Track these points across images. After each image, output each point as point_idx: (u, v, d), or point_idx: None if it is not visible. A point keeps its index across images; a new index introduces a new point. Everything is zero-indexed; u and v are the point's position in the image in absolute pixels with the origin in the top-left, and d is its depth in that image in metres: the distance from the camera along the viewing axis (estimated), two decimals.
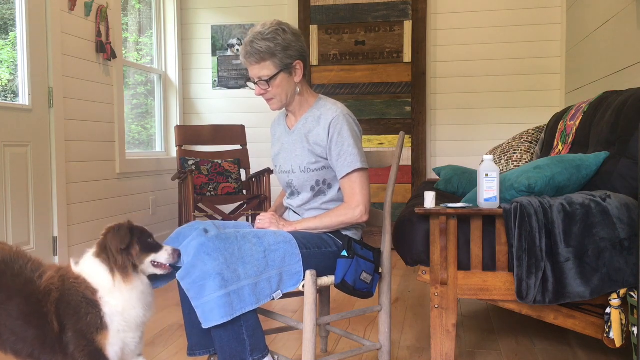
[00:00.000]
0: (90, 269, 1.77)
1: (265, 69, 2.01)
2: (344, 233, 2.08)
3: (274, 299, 1.88)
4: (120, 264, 1.76)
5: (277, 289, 1.88)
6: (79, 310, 1.71)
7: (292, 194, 2.18)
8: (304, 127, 2.10)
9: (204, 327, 1.80)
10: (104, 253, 1.78)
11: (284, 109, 2.17)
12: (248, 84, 2.12)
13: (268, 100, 2.09)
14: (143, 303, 1.80)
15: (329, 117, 2.04)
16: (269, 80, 2.02)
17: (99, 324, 1.72)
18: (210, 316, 1.78)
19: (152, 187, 4.92)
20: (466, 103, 5.03)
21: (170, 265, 1.86)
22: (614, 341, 2.00)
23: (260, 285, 1.84)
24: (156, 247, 1.84)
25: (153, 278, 1.89)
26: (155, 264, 1.82)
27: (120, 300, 1.75)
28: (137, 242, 1.79)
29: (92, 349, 1.70)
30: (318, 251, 1.99)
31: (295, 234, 1.99)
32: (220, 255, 1.79)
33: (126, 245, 1.76)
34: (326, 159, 2.06)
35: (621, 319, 1.99)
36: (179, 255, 1.85)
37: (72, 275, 1.76)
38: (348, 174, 2.02)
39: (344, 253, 1.97)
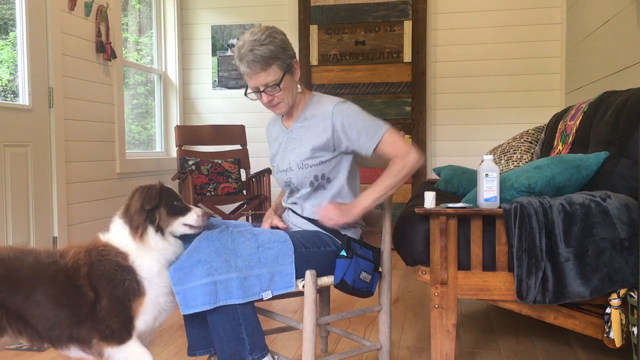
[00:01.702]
0: (116, 232, 1.77)
1: (271, 74, 1.98)
2: (343, 232, 2.08)
3: (262, 298, 1.86)
4: (135, 224, 1.74)
5: (267, 288, 1.86)
6: (114, 277, 1.69)
7: (291, 193, 2.17)
8: (303, 123, 2.10)
9: (183, 313, 1.81)
10: (127, 214, 1.77)
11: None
12: (249, 95, 2.08)
13: (274, 105, 2.06)
14: (173, 257, 1.80)
15: (329, 107, 2.04)
16: (278, 84, 2.00)
17: (137, 290, 1.71)
18: (192, 302, 1.79)
19: None
20: (466, 103, 5.03)
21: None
22: (614, 341, 2.00)
23: (250, 280, 1.84)
24: (183, 210, 1.82)
25: None
26: (186, 224, 1.82)
27: (154, 262, 1.74)
28: (164, 205, 1.78)
29: (124, 316, 1.69)
30: (317, 250, 1.98)
31: (293, 234, 1.98)
32: (212, 244, 1.80)
33: (152, 207, 1.75)
34: (331, 150, 2.05)
35: (621, 319, 1.99)
36: (209, 217, 1.86)
37: (99, 245, 1.75)
38: (379, 141, 2.01)
39: (343, 253, 1.97)
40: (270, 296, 1.88)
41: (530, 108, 4.91)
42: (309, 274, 1.89)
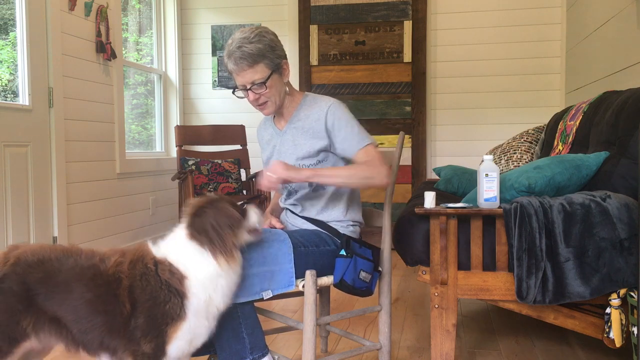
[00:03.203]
0: (182, 253, 1.65)
1: (258, 72, 1.99)
2: (342, 232, 2.08)
3: (263, 297, 1.86)
4: (229, 245, 1.63)
5: (267, 287, 1.86)
6: (157, 296, 1.60)
7: (289, 194, 2.17)
8: (297, 124, 2.10)
9: None
10: (204, 234, 1.65)
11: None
12: (236, 92, 2.08)
13: (261, 104, 2.06)
14: (232, 285, 1.69)
15: (323, 107, 2.04)
16: (264, 82, 2.01)
17: (177, 315, 1.61)
18: None
19: (152, 187, 4.92)
20: (466, 103, 5.03)
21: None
22: (614, 341, 2.00)
23: (249, 279, 1.83)
24: (244, 213, 1.71)
25: None
26: (250, 230, 1.72)
27: (211, 290, 1.63)
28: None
29: (159, 341, 1.61)
30: (316, 249, 1.98)
31: (292, 233, 1.98)
32: None
33: (240, 226, 1.64)
34: (325, 150, 2.05)
35: (621, 319, 1.99)
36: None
37: (149, 258, 1.64)
38: (360, 150, 2.00)
39: (342, 252, 1.97)
40: (271, 295, 1.87)
41: (530, 108, 4.91)
42: (309, 273, 1.89)
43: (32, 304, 1.62)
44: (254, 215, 1.74)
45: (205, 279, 1.64)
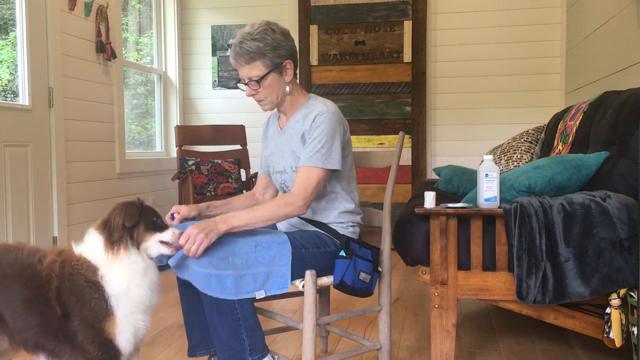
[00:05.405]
0: (90, 244, 1.71)
1: (255, 69, 1.99)
2: (342, 232, 2.08)
3: (255, 297, 1.86)
4: (116, 238, 1.69)
5: (261, 287, 1.86)
6: (82, 295, 1.64)
7: None
8: (295, 127, 2.09)
9: (178, 275, 1.84)
10: (105, 228, 1.72)
11: (276, 109, 2.17)
12: (239, 85, 2.08)
13: (259, 101, 2.06)
14: (148, 282, 1.73)
15: (314, 113, 2.02)
16: (259, 81, 2.00)
17: (104, 309, 1.64)
18: (187, 273, 1.82)
19: (152, 187, 4.92)
20: (466, 103, 5.03)
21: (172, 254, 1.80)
22: (614, 341, 2.00)
23: (245, 279, 1.83)
24: (161, 227, 1.77)
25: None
26: (163, 242, 1.76)
27: (122, 277, 1.67)
28: (143, 221, 1.73)
29: (101, 339, 1.63)
30: (317, 251, 1.98)
31: (292, 235, 1.98)
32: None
33: (132, 224, 1.70)
34: None
35: (621, 319, 1.99)
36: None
37: (73, 258, 1.69)
38: (306, 166, 1.97)
39: (342, 253, 1.97)
40: (264, 295, 1.87)
41: (530, 108, 4.91)
42: (309, 274, 1.89)
43: None
44: (168, 233, 1.77)
45: (111, 267, 1.67)
